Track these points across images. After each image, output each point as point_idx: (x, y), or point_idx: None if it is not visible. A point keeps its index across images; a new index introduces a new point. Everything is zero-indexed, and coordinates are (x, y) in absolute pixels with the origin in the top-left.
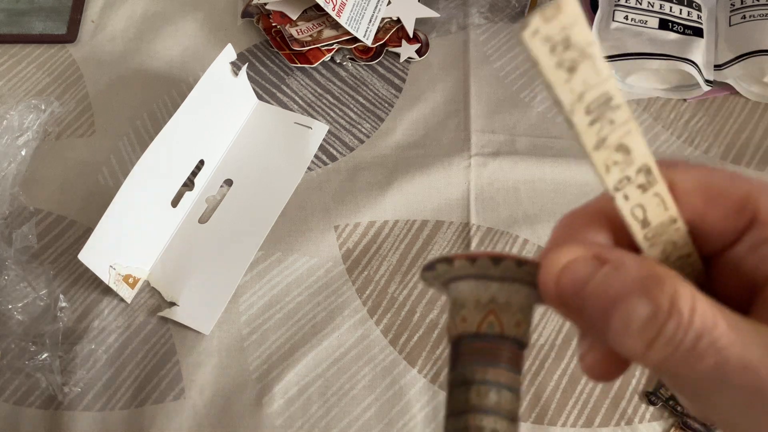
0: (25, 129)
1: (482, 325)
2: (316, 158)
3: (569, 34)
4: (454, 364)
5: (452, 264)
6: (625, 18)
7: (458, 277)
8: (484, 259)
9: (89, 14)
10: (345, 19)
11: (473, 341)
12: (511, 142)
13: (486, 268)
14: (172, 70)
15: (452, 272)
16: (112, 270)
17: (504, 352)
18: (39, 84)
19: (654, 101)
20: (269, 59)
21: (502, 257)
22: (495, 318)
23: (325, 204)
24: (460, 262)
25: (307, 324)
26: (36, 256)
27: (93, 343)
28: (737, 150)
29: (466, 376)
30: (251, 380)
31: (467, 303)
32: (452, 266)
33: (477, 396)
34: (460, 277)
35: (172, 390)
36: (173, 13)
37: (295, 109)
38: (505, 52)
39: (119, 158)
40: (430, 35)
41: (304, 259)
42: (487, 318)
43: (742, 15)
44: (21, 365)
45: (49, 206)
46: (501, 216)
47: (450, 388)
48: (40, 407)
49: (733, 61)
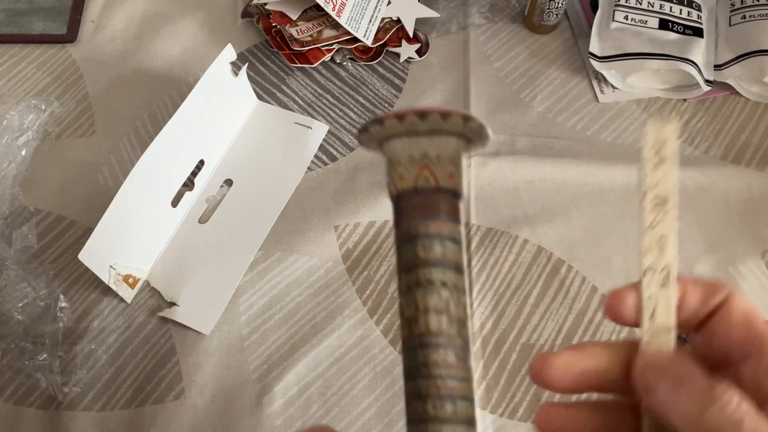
0: (25, 129)
1: (419, 180)
2: (316, 158)
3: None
4: (398, 222)
5: (384, 124)
6: (625, 18)
7: (390, 136)
8: (412, 116)
9: (89, 14)
10: (345, 19)
11: (412, 197)
12: (511, 142)
13: (414, 124)
14: (172, 70)
15: (384, 132)
16: (112, 270)
17: (442, 204)
18: (39, 84)
19: (654, 101)
20: (269, 59)
21: (427, 112)
22: (429, 172)
23: (325, 204)
24: (390, 121)
25: (307, 324)
26: (36, 256)
27: (93, 343)
28: (737, 150)
29: (411, 232)
30: (251, 380)
31: (402, 160)
32: (384, 126)
33: (423, 250)
34: (392, 136)
35: (172, 390)
36: (173, 13)
37: (295, 109)
38: (505, 52)
39: (119, 158)
40: (430, 35)
41: (304, 259)
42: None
43: (742, 15)
44: (21, 365)
45: (49, 206)
46: (501, 216)
47: (398, 246)
48: (40, 407)
49: (733, 61)
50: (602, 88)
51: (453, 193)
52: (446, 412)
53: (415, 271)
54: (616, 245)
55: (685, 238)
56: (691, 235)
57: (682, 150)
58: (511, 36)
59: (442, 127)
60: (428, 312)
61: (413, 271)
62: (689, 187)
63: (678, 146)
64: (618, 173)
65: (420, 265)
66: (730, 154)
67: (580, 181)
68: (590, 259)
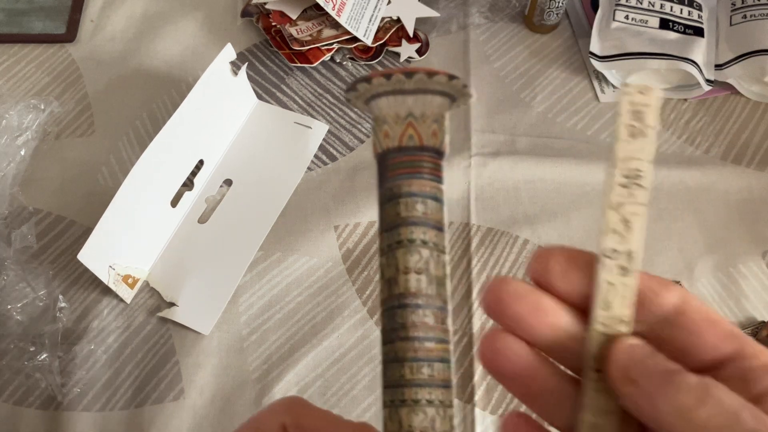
0: (25, 129)
1: (403, 138)
2: (316, 158)
3: (645, 111)
4: (381, 180)
5: (371, 82)
6: (625, 17)
7: (377, 94)
8: (398, 75)
9: (89, 14)
10: (345, 18)
11: (396, 155)
12: (512, 142)
13: (401, 82)
14: (172, 69)
15: (371, 90)
16: (112, 270)
17: (425, 163)
18: (38, 84)
19: None
20: (269, 59)
21: (414, 71)
22: (413, 130)
23: (325, 204)
24: (377, 79)
25: (307, 324)
26: (35, 257)
27: (92, 343)
28: (738, 150)
29: (394, 190)
30: (251, 380)
31: (387, 118)
32: (371, 84)
33: (405, 208)
34: (379, 94)
35: (171, 390)
36: (173, 12)
37: (295, 109)
38: (505, 51)
39: (119, 158)
40: (430, 35)
41: (304, 259)
42: (407, 131)
43: (743, 14)
44: (20, 366)
45: (48, 206)
46: (501, 216)
47: (381, 204)
48: (39, 408)
49: (733, 61)
50: (603, 88)
51: (436, 151)
52: (423, 375)
53: (397, 230)
54: None
55: (685, 238)
56: (691, 235)
57: (682, 150)
58: (511, 36)
59: (428, 85)
60: (408, 272)
61: (395, 230)
62: (690, 187)
63: (659, 116)
64: None
65: (402, 223)
66: (730, 154)
67: (580, 181)
68: None
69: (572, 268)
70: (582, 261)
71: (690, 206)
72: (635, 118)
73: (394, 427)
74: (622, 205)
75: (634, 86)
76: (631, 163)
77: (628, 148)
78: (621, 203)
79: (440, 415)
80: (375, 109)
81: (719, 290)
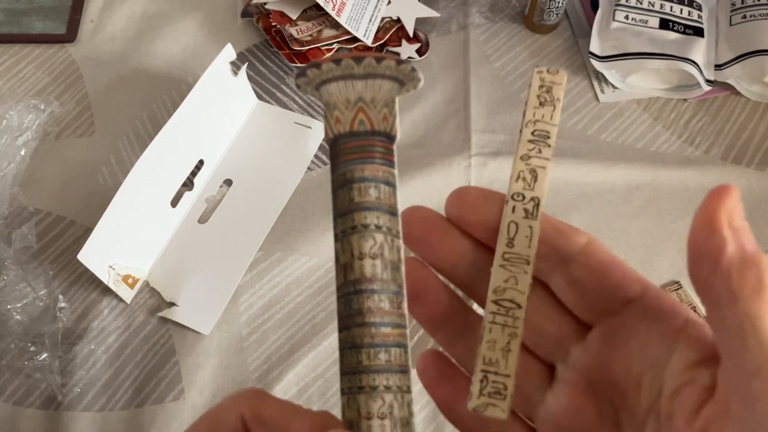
0: (25, 129)
1: (354, 123)
2: (316, 158)
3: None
4: (334, 166)
5: (321, 68)
6: (625, 17)
7: (327, 79)
8: (348, 60)
9: (89, 14)
10: (345, 18)
11: (348, 140)
12: (512, 142)
13: (350, 68)
14: (172, 69)
15: (322, 75)
16: (112, 270)
17: (377, 147)
18: (38, 84)
19: (654, 101)
20: (269, 59)
21: (363, 56)
22: (364, 115)
23: (325, 204)
24: (327, 65)
25: (307, 324)
26: (35, 257)
27: (92, 343)
28: (738, 150)
29: (346, 176)
30: (251, 381)
31: (338, 104)
32: (321, 70)
33: (359, 194)
34: (329, 80)
35: (171, 390)
36: (173, 12)
37: (295, 109)
38: (505, 51)
39: (119, 158)
40: (430, 35)
41: (304, 259)
42: (358, 116)
43: (743, 15)
44: (20, 365)
45: (48, 206)
46: None
47: (334, 191)
48: (39, 407)
49: (733, 61)
50: (602, 88)
51: (387, 136)
52: (380, 361)
53: (351, 216)
54: (615, 245)
55: (685, 239)
56: None
57: (682, 150)
58: (511, 36)
59: (377, 70)
60: (363, 257)
61: (348, 216)
62: (690, 187)
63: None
64: (618, 173)
65: (355, 209)
66: (730, 154)
67: (580, 181)
68: None
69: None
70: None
71: (690, 206)
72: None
73: (353, 414)
74: (530, 157)
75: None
76: (539, 125)
77: (537, 113)
78: (529, 156)
79: (398, 401)
80: (325, 95)
81: None
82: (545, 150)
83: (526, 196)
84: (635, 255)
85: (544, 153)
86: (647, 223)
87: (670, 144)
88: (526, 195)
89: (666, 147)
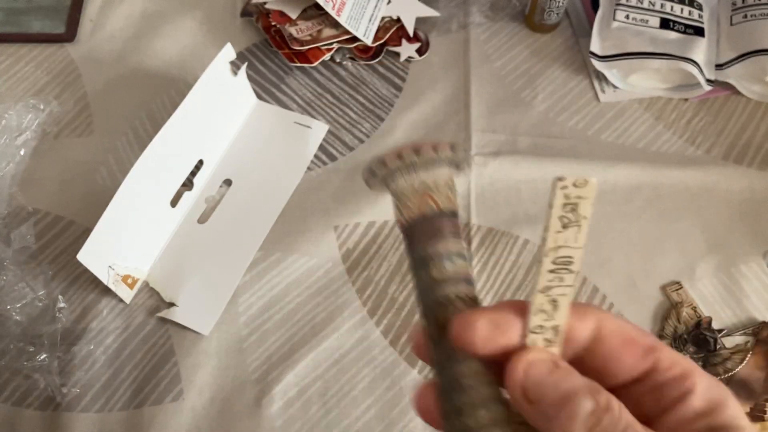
0: (24, 129)
1: (423, 208)
2: (315, 158)
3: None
4: (411, 250)
5: (387, 164)
6: (626, 17)
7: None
8: (408, 153)
9: (88, 13)
10: (345, 18)
11: (421, 224)
12: (512, 142)
13: (412, 159)
14: (171, 69)
15: (389, 171)
16: (111, 270)
17: (446, 225)
18: (37, 83)
19: (655, 101)
20: (268, 58)
21: (420, 147)
22: (431, 199)
23: (324, 204)
24: (392, 161)
25: (307, 325)
26: (34, 257)
27: (91, 343)
28: (739, 150)
29: (423, 256)
30: (250, 381)
31: (406, 192)
32: (387, 166)
33: (436, 270)
34: (395, 174)
35: (170, 391)
36: (172, 12)
37: (295, 109)
38: (505, 51)
39: (118, 158)
40: (430, 34)
41: (304, 260)
42: (425, 200)
43: (744, 14)
44: (19, 366)
45: (47, 206)
46: (502, 216)
47: (414, 272)
48: (38, 408)
49: (734, 61)
50: (603, 88)
51: (453, 213)
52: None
53: (433, 291)
54: (616, 245)
55: (686, 239)
56: (692, 235)
57: (683, 150)
58: (511, 35)
59: (435, 158)
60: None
61: (431, 292)
62: (691, 187)
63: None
64: (619, 173)
65: (435, 284)
66: (731, 153)
67: None
68: (591, 260)
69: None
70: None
71: (691, 206)
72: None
73: None
74: (550, 288)
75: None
76: (561, 251)
77: (559, 238)
78: (550, 287)
79: None
80: (394, 187)
81: (720, 290)
82: (567, 277)
83: (546, 327)
84: (636, 255)
85: (567, 280)
86: (648, 223)
87: (671, 144)
88: (545, 326)
89: (667, 147)
